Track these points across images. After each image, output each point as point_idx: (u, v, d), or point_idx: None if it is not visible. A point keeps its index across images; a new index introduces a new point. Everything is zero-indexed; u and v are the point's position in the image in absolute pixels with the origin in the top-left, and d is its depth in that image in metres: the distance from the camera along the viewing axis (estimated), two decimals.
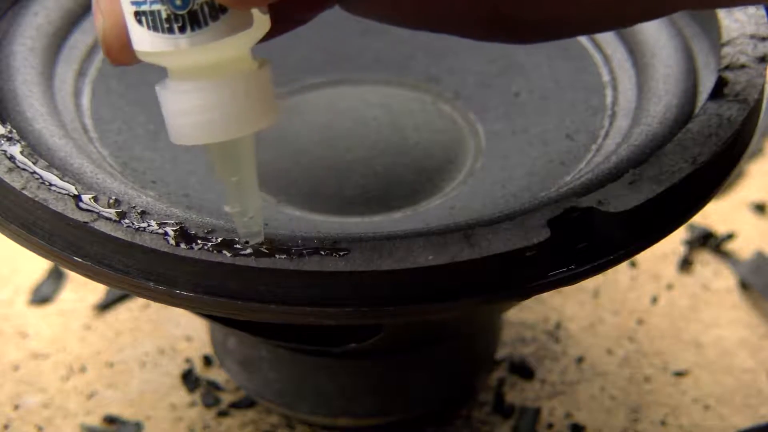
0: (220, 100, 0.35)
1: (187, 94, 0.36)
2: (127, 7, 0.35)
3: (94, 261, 0.39)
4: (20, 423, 0.55)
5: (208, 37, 0.34)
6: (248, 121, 0.36)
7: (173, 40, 0.34)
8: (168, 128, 0.37)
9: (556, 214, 0.39)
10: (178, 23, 0.34)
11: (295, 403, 0.53)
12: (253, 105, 0.36)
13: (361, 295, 0.38)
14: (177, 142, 0.37)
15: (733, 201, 0.67)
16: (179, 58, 0.35)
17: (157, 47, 0.35)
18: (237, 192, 0.37)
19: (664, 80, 0.47)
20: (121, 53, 0.36)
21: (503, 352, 0.58)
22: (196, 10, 0.34)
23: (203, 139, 0.36)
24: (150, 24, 0.34)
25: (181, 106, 0.36)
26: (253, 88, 0.36)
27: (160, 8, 0.34)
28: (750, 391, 0.56)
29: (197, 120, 0.36)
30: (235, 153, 0.37)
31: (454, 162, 0.52)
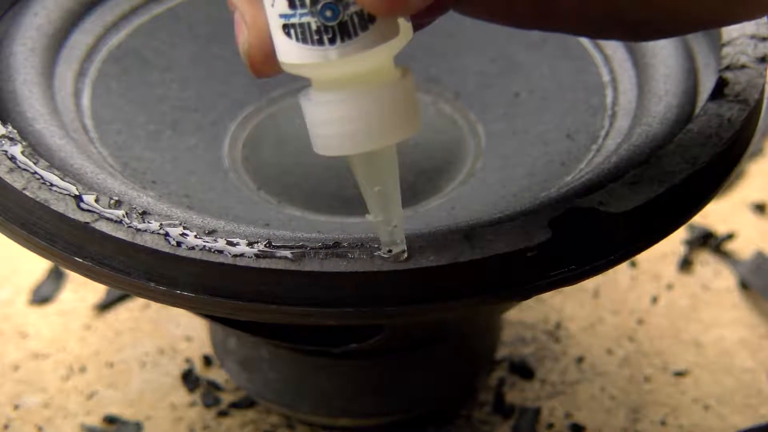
0: (366, 110, 0.35)
1: (332, 104, 0.35)
2: (275, 20, 0.35)
3: (95, 261, 0.39)
4: (20, 423, 0.55)
5: (357, 48, 0.34)
6: (393, 130, 0.36)
7: (323, 51, 0.34)
8: (312, 139, 0.37)
9: (557, 215, 0.39)
10: (328, 35, 0.34)
11: (295, 403, 0.53)
12: (397, 114, 0.36)
13: (361, 296, 0.38)
14: (322, 152, 0.37)
15: (733, 201, 0.67)
16: (328, 69, 0.35)
17: (307, 59, 0.35)
18: (380, 201, 0.37)
19: (665, 80, 0.47)
20: (265, 65, 0.36)
21: (503, 352, 0.58)
22: (346, 21, 0.34)
23: (349, 150, 0.36)
24: (299, 36, 0.34)
25: (327, 117, 0.36)
26: (398, 97, 0.36)
27: (310, 20, 0.34)
28: (750, 391, 0.56)
29: (342, 131, 0.36)
30: (379, 163, 0.37)
31: (454, 162, 0.52)
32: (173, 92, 0.52)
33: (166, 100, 0.52)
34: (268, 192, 0.51)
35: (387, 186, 0.37)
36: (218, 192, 0.49)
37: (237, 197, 0.49)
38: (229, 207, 0.47)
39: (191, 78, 0.53)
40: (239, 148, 0.52)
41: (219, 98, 0.53)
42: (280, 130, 0.53)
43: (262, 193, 0.50)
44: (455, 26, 0.53)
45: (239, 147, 0.52)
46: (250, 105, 0.54)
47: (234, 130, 0.53)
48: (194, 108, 0.52)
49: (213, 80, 0.53)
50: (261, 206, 0.49)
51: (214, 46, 0.54)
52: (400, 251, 0.38)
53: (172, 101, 0.52)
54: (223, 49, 0.54)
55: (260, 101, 0.54)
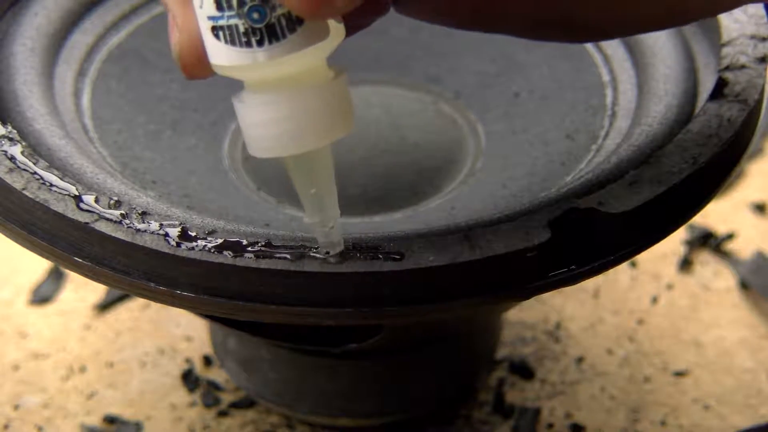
0: (296, 111, 0.35)
1: (263, 106, 0.36)
2: (204, 22, 0.35)
3: (95, 261, 0.39)
4: (20, 423, 0.55)
5: (285, 50, 0.34)
6: (325, 132, 0.36)
7: (251, 53, 0.34)
8: (245, 140, 0.37)
9: (557, 215, 0.39)
10: (256, 36, 0.34)
11: (295, 403, 0.53)
12: (330, 115, 0.36)
13: (361, 296, 0.38)
14: (255, 154, 0.37)
15: (733, 201, 0.67)
16: (257, 71, 0.35)
17: (235, 61, 0.35)
18: (316, 203, 0.37)
19: (664, 80, 0.47)
20: (196, 67, 0.36)
21: (503, 352, 0.58)
22: (273, 23, 0.34)
23: (281, 151, 0.36)
24: (228, 38, 0.34)
25: (258, 119, 0.36)
26: (330, 98, 0.36)
27: (237, 23, 0.34)
28: (750, 391, 0.56)
29: (274, 132, 0.36)
30: (312, 164, 0.37)
31: (454, 162, 0.52)
32: (173, 92, 0.52)
33: (166, 100, 0.52)
34: (268, 192, 0.51)
35: (321, 187, 0.37)
36: (218, 192, 0.49)
37: (237, 197, 0.49)
38: (229, 207, 0.47)
39: None
40: (239, 148, 0.52)
41: (219, 98, 0.53)
42: None
43: (262, 193, 0.50)
44: None
45: (239, 147, 0.52)
46: None
47: (234, 130, 0.53)
48: (194, 108, 0.52)
49: (213, 80, 0.53)
50: (261, 206, 0.49)
51: None
52: (337, 251, 0.38)
53: (172, 101, 0.52)
54: None
55: None
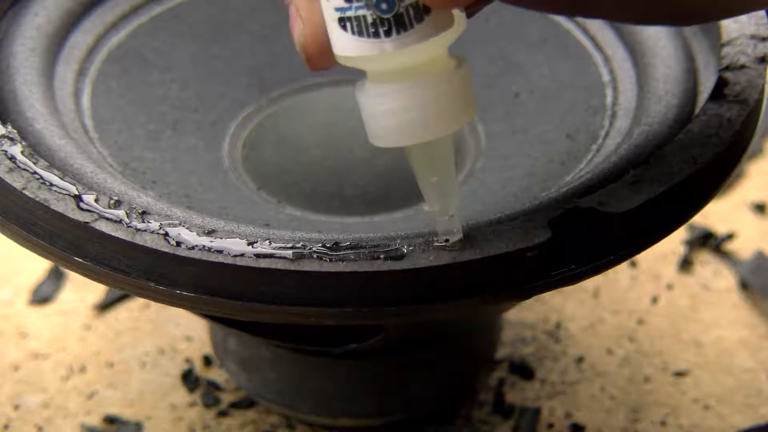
0: (422, 100, 0.36)
1: (388, 96, 0.36)
2: (331, 13, 0.35)
3: (95, 261, 0.39)
4: (20, 423, 0.55)
5: (413, 39, 0.35)
6: (449, 120, 0.36)
7: (379, 43, 0.35)
8: (368, 130, 0.37)
9: (557, 215, 0.39)
10: (384, 27, 0.34)
11: (295, 403, 0.53)
12: (453, 104, 0.36)
13: (361, 296, 0.38)
14: (378, 144, 0.37)
15: (733, 201, 0.67)
16: (384, 61, 0.35)
17: (363, 51, 0.35)
18: (437, 192, 0.38)
19: (665, 80, 0.47)
20: (320, 59, 0.36)
21: (503, 352, 0.58)
22: (401, 13, 0.34)
23: (405, 140, 0.36)
24: (355, 29, 0.35)
25: (383, 108, 0.36)
26: (453, 87, 0.36)
27: (365, 13, 0.34)
28: (750, 391, 0.56)
29: (399, 122, 0.36)
30: (436, 153, 0.37)
31: (454, 162, 0.52)
32: (173, 92, 0.52)
33: (166, 100, 0.52)
34: (268, 192, 0.51)
35: (443, 176, 0.37)
36: (218, 192, 0.49)
37: (237, 197, 0.49)
38: (229, 207, 0.47)
39: (191, 78, 0.53)
40: (239, 148, 0.52)
41: (219, 98, 0.53)
42: (280, 130, 0.53)
43: (262, 193, 0.50)
44: None
45: (239, 147, 0.52)
46: (250, 105, 0.54)
47: (234, 130, 0.53)
48: (194, 108, 0.52)
49: (213, 80, 0.53)
50: (261, 206, 0.49)
51: (214, 46, 0.54)
52: (457, 240, 0.38)
53: (172, 101, 0.52)
54: (223, 49, 0.54)
55: (260, 101, 0.54)
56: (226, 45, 0.54)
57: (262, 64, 0.54)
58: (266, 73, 0.54)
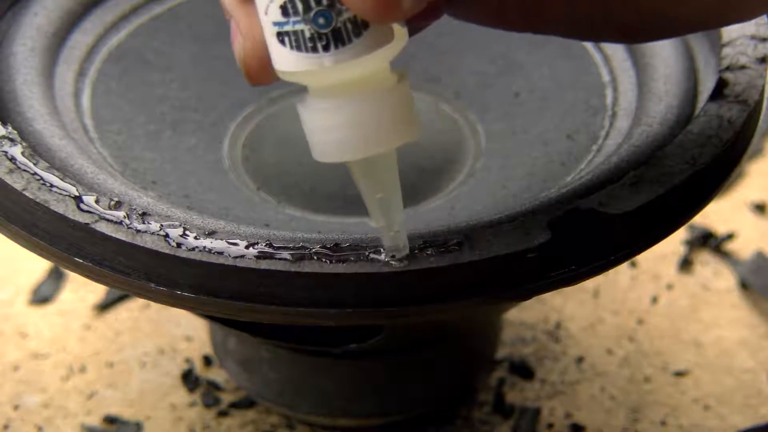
0: (363, 116, 0.35)
1: (328, 111, 0.35)
2: (269, 28, 0.35)
3: (95, 262, 0.39)
4: (20, 423, 0.55)
5: (351, 54, 0.34)
6: (390, 136, 0.36)
7: (317, 58, 0.34)
8: (310, 146, 0.37)
9: (557, 216, 0.39)
10: (322, 42, 0.34)
11: (295, 403, 0.53)
12: (395, 120, 0.36)
13: (361, 297, 0.38)
14: (320, 159, 0.37)
15: (733, 201, 0.67)
16: (322, 76, 0.35)
17: (301, 66, 0.35)
18: (381, 207, 0.37)
19: (665, 80, 0.47)
20: (260, 73, 0.36)
21: (503, 352, 0.58)
22: (339, 27, 0.34)
23: (347, 156, 0.36)
24: (293, 44, 0.34)
25: (323, 124, 0.36)
26: (395, 102, 0.36)
27: (303, 28, 0.34)
28: (750, 391, 0.56)
29: (339, 137, 0.36)
30: (379, 169, 0.37)
31: (454, 162, 0.52)
32: (173, 92, 0.52)
33: (166, 100, 0.52)
34: (268, 192, 0.51)
35: (387, 192, 0.37)
36: (218, 192, 0.49)
37: (237, 197, 0.49)
38: (229, 207, 0.47)
39: (191, 78, 0.53)
40: (239, 148, 0.52)
41: (219, 98, 0.53)
42: (280, 130, 0.53)
43: (262, 193, 0.50)
44: (455, 26, 0.53)
45: (239, 147, 0.52)
46: (250, 105, 0.54)
47: (234, 130, 0.53)
48: (194, 108, 0.52)
49: (213, 80, 0.53)
50: (261, 206, 0.49)
51: (214, 46, 0.54)
52: (402, 256, 0.38)
53: (172, 101, 0.52)
54: (223, 49, 0.54)
55: (260, 101, 0.54)
56: (226, 45, 0.54)
57: None
58: None
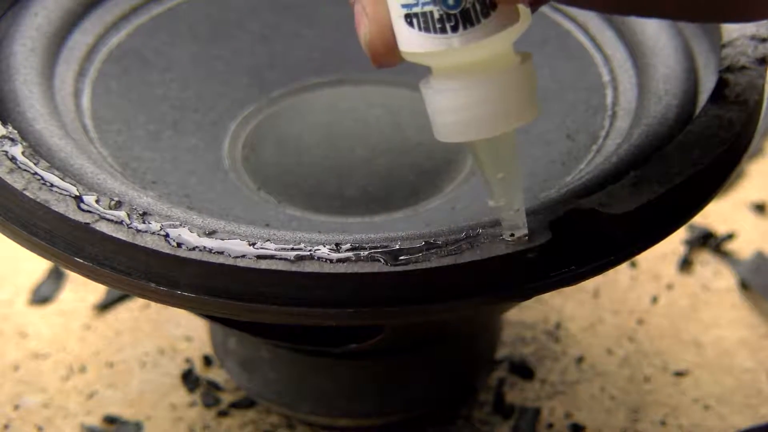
0: (488, 96, 0.36)
1: (454, 91, 0.36)
2: (397, 10, 0.35)
3: (95, 262, 0.39)
4: (20, 423, 0.55)
5: (480, 35, 0.35)
6: (515, 115, 0.36)
7: (446, 39, 0.35)
8: (434, 126, 0.37)
9: (558, 216, 0.39)
10: (451, 22, 0.35)
11: (295, 403, 0.53)
12: (519, 99, 0.36)
13: (361, 297, 0.38)
14: (444, 139, 0.37)
15: (733, 201, 0.67)
16: (450, 57, 0.35)
17: (430, 47, 0.35)
18: (502, 187, 0.38)
19: (665, 80, 0.47)
20: (386, 56, 0.36)
21: (503, 352, 0.58)
22: (468, 8, 0.34)
23: (471, 135, 0.36)
24: (422, 25, 0.35)
25: (449, 104, 0.36)
26: (519, 83, 0.36)
27: (432, 9, 0.34)
28: (750, 391, 0.56)
29: (465, 117, 0.36)
30: (501, 148, 0.37)
31: (455, 162, 0.52)
32: (173, 92, 0.52)
33: (166, 100, 0.52)
34: (268, 192, 0.51)
35: (508, 171, 0.38)
36: (218, 192, 0.49)
37: (237, 197, 0.49)
38: (229, 207, 0.47)
39: (191, 78, 0.53)
40: (239, 148, 0.52)
41: (219, 98, 0.53)
42: (280, 130, 0.53)
43: (262, 193, 0.50)
44: None
45: (239, 147, 0.52)
46: (250, 105, 0.54)
47: (234, 130, 0.53)
48: (194, 108, 0.52)
49: (213, 80, 0.53)
50: (261, 206, 0.49)
51: (214, 46, 0.54)
52: (522, 234, 0.38)
53: (172, 101, 0.52)
54: (223, 49, 0.54)
55: (260, 101, 0.54)
56: (226, 45, 0.54)
57: (262, 64, 0.54)
58: (266, 73, 0.54)
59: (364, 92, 0.55)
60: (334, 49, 0.55)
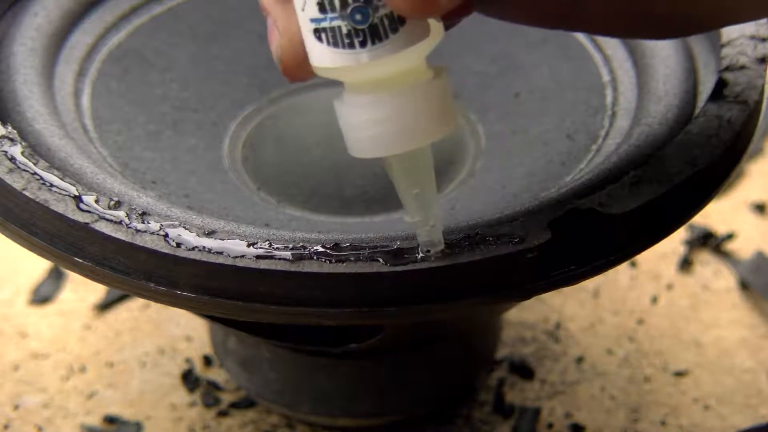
0: (399, 111, 0.35)
1: (365, 107, 0.36)
2: (306, 24, 0.35)
3: (95, 262, 0.39)
4: (20, 423, 0.55)
5: (388, 50, 0.34)
6: (427, 131, 0.36)
7: (354, 54, 0.35)
8: (347, 141, 0.37)
9: (557, 216, 0.39)
10: (359, 38, 0.34)
11: (295, 403, 0.53)
12: (431, 114, 0.36)
13: (361, 296, 0.38)
14: (357, 155, 0.37)
15: (733, 201, 0.67)
16: (359, 72, 0.35)
17: (338, 62, 0.35)
18: (417, 202, 0.37)
19: (665, 80, 0.47)
20: (297, 70, 0.36)
21: (503, 352, 0.58)
22: (376, 23, 0.34)
23: (383, 151, 0.36)
24: (330, 40, 0.35)
25: (360, 119, 0.36)
26: (431, 97, 0.36)
27: (340, 24, 0.34)
28: (750, 391, 0.56)
29: (376, 132, 0.36)
30: (415, 164, 0.37)
31: (454, 162, 0.52)
32: (173, 92, 0.52)
33: (166, 100, 0.52)
34: (268, 192, 0.51)
35: (423, 186, 0.37)
36: (218, 192, 0.49)
37: (237, 197, 0.49)
38: (229, 207, 0.47)
39: (191, 78, 0.53)
40: (239, 148, 0.52)
41: (219, 98, 0.53)
42: (280, 130, 0.53)
43: (262, 193, 0.50)
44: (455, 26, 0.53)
45: (239, 147, 0.52)
46: (250, 105, 0.54)
47: (234, 130, 0.53)
48: (194, 108, 0.52)
49: (213, 80, 0.53)
50: (261, 206, 0.49)
51: (214, 46, 0.54)
52: (438, 250, 0.38)
53: (172, 101, 0.52)
54: (223, 49, 0.54)
55: (260, 101, 0.54)
56: (226, 45, 0.54)
57: (262, 64, 0.54)
58: (266, 73, 0.54)
59: None
60: None
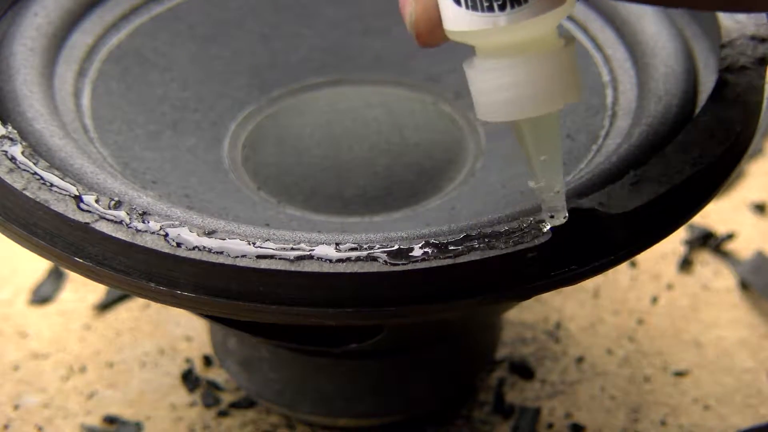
0: (532, 76, 0.36)
1: (499, 71, 0.36)
2: None
3: (95, 261, 0.39)
4: (20, 423, 0.55)
5: (526, 14, 0.35)
6: (559, 96, 0.36)
7: (492, 18, 0.35)
8: (476, 106, 0.37)
9: None
10: (498, 1, 0.35)
11: (295, 403, 0.53)
12: (563, 80, 0.36)
13: (361, 296, 0.38)
14: (487, 119, 0.37)
15: (733, 201, 0.67)
16: (495, 36, 0.35)
17: (476, 26, 0.35)
18: (543, 167, 0.38)
19: (665, 80, 0.47)
20: (430, 35, 0.37)
21: (503, 352, 0.58)
22: None
23: (515, 114, 0.37)
24: (469, 3, 0.35)
25: (493, 84, 0.36)
26: (563, 63, 0.36)
27: None
28: (750, 391, 0.56)
29: (509, 97, 0.36)
30: (544, 129, 0.37)
31: (455, 162, 0.52)
32: (173, 92, 0.52)
33: (166, 100, 0.52)
34: (268, 192, 0.51)
35: (550, 152, 0.38)
36: (218, 192, 0.49)
37: (237, 197, 0.49)
38: (229, 207, 0.47)
39: (191, 78, 0.53)
40: (239, 148, 0.52)
41: (219, 98, 0.53)
42: (280, 130, 0.53)
43: (262, 193, 0.51)
44: None
45: (239, 147, 0.52)
46: (250, 105, 0.54)
47: (234, 130, 0.53)
48: (194, 108, 0.52)
49: (213, 80, 0.53)
50: (261, 206, 0.49)
51: (214, 46, 0.54)
52: (561, 217, 0.38)
53: (172, 101, 0.52)
54: (223, 49, 0.54)
55: (260, 101, 0.54)
56: (226, 45, 0.54)
57: (262, 64, 0.54)
58: (266, 73, 0.54)
59: (363, 92, 0.55)
60: (334, 49, 0.55)
